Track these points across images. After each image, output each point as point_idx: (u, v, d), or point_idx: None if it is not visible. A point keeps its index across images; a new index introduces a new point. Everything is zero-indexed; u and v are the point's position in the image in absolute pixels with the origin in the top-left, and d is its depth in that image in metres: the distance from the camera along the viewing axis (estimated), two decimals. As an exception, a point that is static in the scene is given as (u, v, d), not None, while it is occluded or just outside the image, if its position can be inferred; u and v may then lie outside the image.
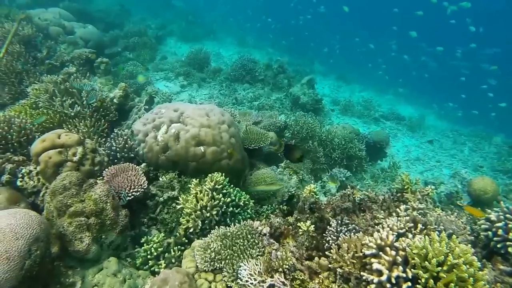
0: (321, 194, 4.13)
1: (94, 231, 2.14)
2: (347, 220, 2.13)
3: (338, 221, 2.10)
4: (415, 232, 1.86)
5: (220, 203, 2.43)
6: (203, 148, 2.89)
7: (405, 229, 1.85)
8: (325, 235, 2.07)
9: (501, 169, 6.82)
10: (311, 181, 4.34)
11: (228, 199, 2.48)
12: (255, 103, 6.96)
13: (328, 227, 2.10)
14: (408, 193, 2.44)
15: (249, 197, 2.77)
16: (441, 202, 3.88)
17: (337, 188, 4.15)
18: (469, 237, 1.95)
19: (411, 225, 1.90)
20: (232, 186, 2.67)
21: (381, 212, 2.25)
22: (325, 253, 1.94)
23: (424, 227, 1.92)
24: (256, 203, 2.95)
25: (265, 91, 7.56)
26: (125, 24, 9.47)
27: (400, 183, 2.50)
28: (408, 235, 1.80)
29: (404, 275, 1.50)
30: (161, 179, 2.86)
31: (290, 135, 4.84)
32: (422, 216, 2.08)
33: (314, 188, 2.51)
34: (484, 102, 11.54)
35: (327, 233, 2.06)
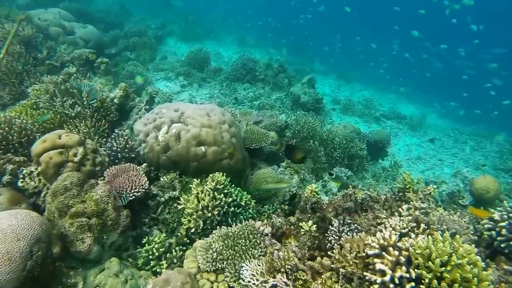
0: (322, 193, 4.12)
1: (96, 231, 2.13)
2: (349, 220, 2.12)
3: (340, 221, 2.09)
4: (417, 232, 1.85)
5: (222, 203, 2.43)
6: (204, 148, 2.88)
7: (407, 229, 1.84)
8: (327, 235, 2.06)
9: (503, 167, 6.80)
10: (312, 180, 4.33)
11: (230, 199, 2.48)
12: (255, 102, 6.95)
13: (330, 227, 2.09)
14: (410, 192, 2.42)
15: (250, 197, 2.76)
16: (443, 201, 3.86)
17: (339, 188, 4.14)
18: (472, 236, 1.94)
19: (413, 224, 1.89)
20: (234, 186, 2.67)
21: (383, 212, 2.23)
22: (327, 253, 1.93)
23: (426, 227, 1.91)
24: (257, 202, 2.94)
25: (265, 91, 7.55)
26: (125, 24, 9.46)
27: (402, 183, 2.48)
28: (411, 235, 1.78)
29: (407, 275, 1.49)
30: (162, 179, 2.86)
31: (291, 135, 4.83)
32: (425, 216, 2.07)
33: (315, 188, 2.50)
34: (486, 101, 11.49)
35: (329, 233, 2.05)
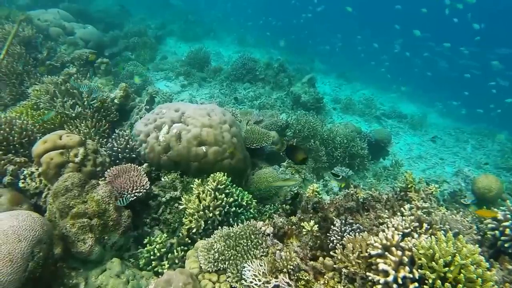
0: (323, 193, 4.12)
1: (97, 232, 2.13)
2: (351, 219, 2.11)
3: (342, 220, 2.08)
4: (420, 232, 1.84)
5: (223, 203, 2.42)
6: (205, 148, 2.87)
7: (410, 229, 1.83)
8: (329, 234, 2.05)
9: (505, 166, 6.77)
10: (313, 180, 4.33)
11: (231, 199, 2.47)
12: (256, 102, 6.93)
13: (332, 226, 2.08)
14: (411, 192, 2.41)
15: (252, 196, 2.76)
16: (445, 200, 3.85)
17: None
18: (476, 236, 1.92)
19: (416, 224, 1.88)
20: (235, 186, 2.66)
21: (385, 212, 2.22)
22: (330, 253, 1.92)
23: (429, 227, 1.90)
24: (258, 202, 2.94)
25: (265, 90, 7.54)
26: (125, 24, 9.45)
27: (404, 182, 2.47)
28: (414, 235, 1.77)
29: (410, 275, 1.48)
30: (163, 179, 2.85)
31: (292, 134, 4.82)
32: (427, 215, 2.06)
33: (317, 187, 2.49)
34: (488, 100, 11.42)
35: (331, 232, 2.05)
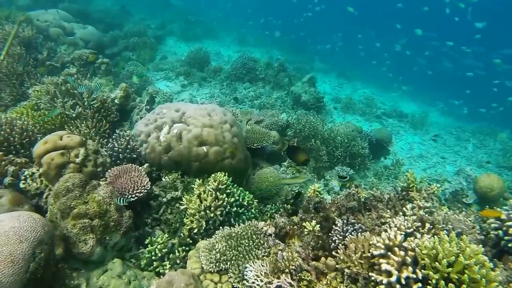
0: (324, 192, 4.11)
1: (98, 232, 2.12)
2: (352, 219, 2.10)
3: (344, 220, 2.07)
4: (423, 232, 1.83)
5: (224, 203, 2.41)
6: (205, 148, 2.87)
7: (412, 229, 1.82)
8: (330, 234, 2.04)
9: (507, 165, 6.74)
10: (314, 179, 4.32)
11: (232, 199, 2.47)
12: (256, 102, 6.92)
13: (334, 226, 2.07)
14: (413, 191, 2.40)
15: (253, 196, 2.75)
16: (447, 200, 3.84)
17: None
18: (479, 236, 1.91)
19: (418, 224, 1.87)
20: (236, 185, 2.65)
21: (387, 211, 2.22)
22: (332, 253, 1.91)
23: (432, 227, 1.89)
24: (259, 202, 2.93)
25: (266, 90, 7.52)
26: (124, 25, 9.43)
27: (405, 182, 2.46)
28: (416, 235, 1.77)
29: (414, 276, 1.47)
30: (164, 180, 2.84)
31: (293, 134, 4.81)
32: (429, 215, 2.05)
33: (318, 187, 2.48)
34: (490, 99, 11.34)
35: (333, 232, 2.04)
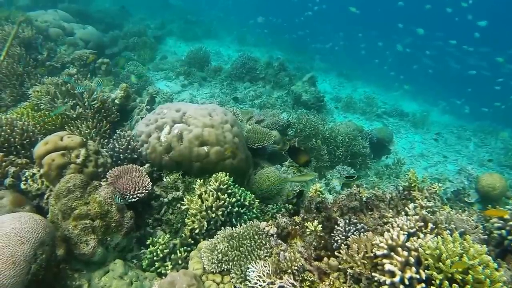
0: (325, 191, 4.10)
1: (100, 233, 2.12)
2: (355, 219, 2.09)
3: (346, 220, 2.06)
4: (425, 232, 1.82)
5: (225, 203, 2.41)
6: (206, 148, 2.86)
7: (415, 229, 1.82)
8: (333, 234, 2.04)
9: (508, 164, 6.72)
10: (315, 179, 4.30)
11: (233, 199, 2.46)
12: (256, 101, 6.91)
13: (336, 226, 2.06)
14: (415, 191, 2.39)
15: (254, 196, 2.74)
16: (449, 199, 3.83)
17: (342, 185, 4.12)
18: (482, 236, 1.90)
19: (421, 224, 1.86)
20: (237, 185, 2.65)
21: (389, 211, 2.21)
22: (334, 253, 1.91)
23: (434, 226, 1.88)
24: (260, 202, 2.92)
25: (266, 89, 7.51)
26: (124, 25, 9.41)
27: (407, 181, 2.45)
28: (419, 235, 1.76)
29: (417, 276, 1.46)
30: (165, 180, 2.84)
31: (293, 133, 4.80)
32: (431, 215, 2.04)
33: (320, 187, 2.47)
34: (492, 97, 11.28)
35: (335, 232, 2.03)
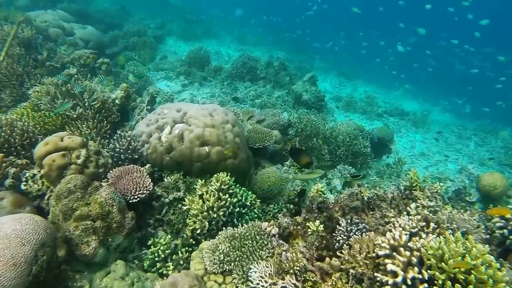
0: (327, 191, 4.09)
1: (101, 234, 2.11)
2: (356, 219, 2.09)
3: (348, 220, 2.06)
4: (427, 231, 1.82)
5: (227, 203, 2.40)
6: (207, 148, 2.85)
7: (417, 228, 1.81)
8: (335, 234, 2.03)
9: (509, 163, 6.72)
10: (317, 178, 4.29)
11: (235, 199, 2.45)
12: (257, 101, 6.90)
13: (337, 226, 2.06)
14: (416, 190, 2.39)
15: (256, 196, 2.74)
16: (450, 198, 3.82)
17: (343, 184, 4.11)
18: (484, 235, 1.90)
19: (423, 224, 1.85)
20: (238, 185, 2.64)
21: (391, 211, 2.20)
22: (336, 253, 1.90)
23: (436, 226, 1.88)
24: (262, 202, 2.92)
25: (267, 89, 7.50)
26: (124, 24, 9.39)
27: (408, 181, 2.44)
28: (421, 235, 1.75)
29: (420, 276, 1.46)
30: (166, 180, 2.83)
31: (294, 133, 4.79)
32: (433, 214, 2.04)
33: (321, 187, 2.47)
34: (494, 96, 11.24)
35: (337, 232, 2.02)
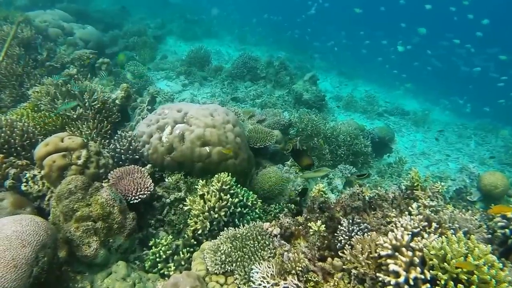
0: (328, 191, 4.09)
1: (102, 235, 2.11)
2: (358, 219, 2.08)
3: (349, 220, 2.05)
4: (429, 231, 1.81)
5: (228, 203, 2.40)
6: (208, 148, 2.84)
7: (419, 228, 1.81)
8: (336, 234, 2.03)
9: (509, 162, 6.72)
10: (318, 178, 4.29)
11: (236, 200, 2.45)
12: (257, 101, 6.89)
13: (339, 226, 2.05)
14: (418, 190, 2.38)
15: (257, 196, 2.73)
16: (451, 198, 3.82)
17: (345, 183, 4.11)
18: (486, 235, 1.89)
19: (425, 224, 1.85)
20: (239, 186, 2.64)
21: (392, 211, 2.20)
22: (338, 253, 1.90)
23: (438, 226, 1.87)
24: (263, 202, 2.92)
25: (267, 89, 7.49)
26: (124, 24, 9.37)
27: (410, 180, 2.44)
28: (423, 235, 1.75)
29: (422, 276, 1.46)
30: (167, 180, 2.83)
31: (295, 133, 4.79)
32: (434, 214, 2.03)
33: (323, 187, 2.46)
34: (495, 95, 11.21)
35: (338, 232, 2.02)
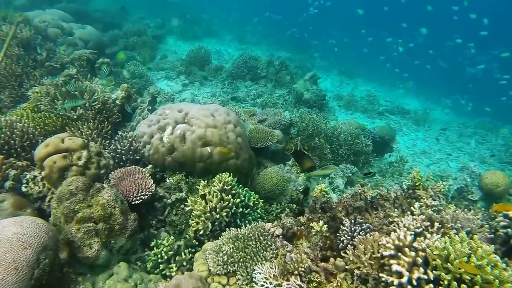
0: (330, 191, 4.08)
1: (103, 236, 2.10)
2: (360, 219, 2.08)
3: (352, 220, 2.05)
4: (432, 231, 1.81)
5: (230, 204, 2.39)
6: (209, 149, 2.84)
7: (422, 228, 1.80)
8: (338, 234, 2.02)
9: (509, 160, 6.72)
10: (319, 178, 4.29)
11: (238, 200, 2.45)
12: (258, 100, 6.88)
13: (341, 226, 2.05)
14: (420, 189, 2.38)
15: (258, 196, 2.73)
16: (453, 197, 3.82)
17: (345, 184, 4.10)
18: (488, 235, 1.89)
19: (427, 224, 1.85)
20: (241, 186, 2.63)
21: (394, 210, 2.19)
22: (340, 253, 1.89)
23: (440, 226, 1.87)
24: (264, 202, 2.91)
25: (268, 88, 7.48)
26: (124, 24, 9.36)
27: (411, 180, 2.43)
28: (426, 235, 1.74)
29: (425, 276, 1.45)
30: (168, 181, 2.82)
31: (296, 132, 4.78)
32: (436, 213, 2.03)
33: (324, 187, 2.46)
34: (494, 94, 11.20)
35: (340, 232, 2.01)
